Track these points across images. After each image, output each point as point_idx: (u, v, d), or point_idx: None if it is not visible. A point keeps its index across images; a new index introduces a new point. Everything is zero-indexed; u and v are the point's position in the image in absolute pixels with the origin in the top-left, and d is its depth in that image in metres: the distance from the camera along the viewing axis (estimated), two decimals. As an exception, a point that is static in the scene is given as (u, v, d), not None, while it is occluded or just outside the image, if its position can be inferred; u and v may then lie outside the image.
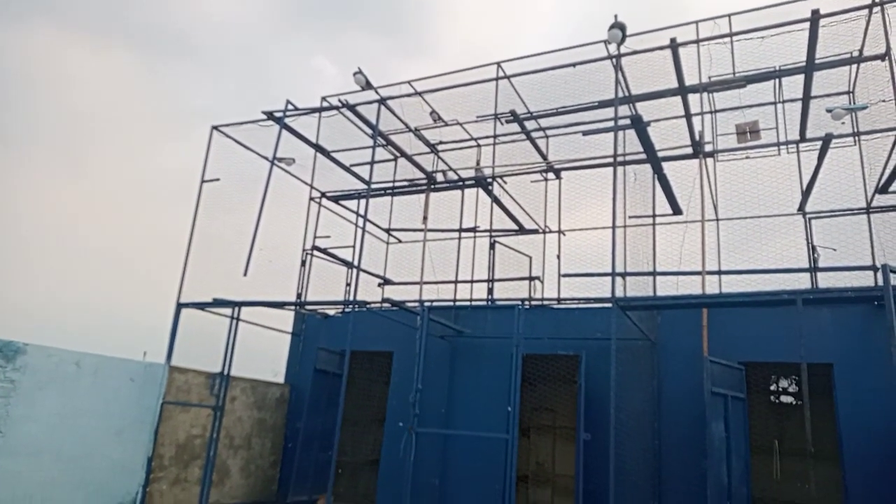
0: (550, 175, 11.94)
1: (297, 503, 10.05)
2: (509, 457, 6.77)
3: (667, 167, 9.10)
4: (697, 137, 9.68)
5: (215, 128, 10.74)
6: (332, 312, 12.14)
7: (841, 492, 7.51)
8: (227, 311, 9.43)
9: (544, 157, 11.41)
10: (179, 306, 9.78)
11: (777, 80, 9.60)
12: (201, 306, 9.68)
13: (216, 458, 9.05)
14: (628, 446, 6.83)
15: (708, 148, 10.03)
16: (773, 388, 10.20)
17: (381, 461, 10.29)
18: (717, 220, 10.22)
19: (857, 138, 9.40)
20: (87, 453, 8.01)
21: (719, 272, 9.57)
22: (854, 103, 9.33)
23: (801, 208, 9.72)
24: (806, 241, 9.39)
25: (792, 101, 9.78)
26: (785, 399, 10.11)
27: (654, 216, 9.43)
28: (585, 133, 9.18)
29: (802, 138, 9.65)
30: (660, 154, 8.84)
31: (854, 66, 9.18)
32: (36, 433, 7.43)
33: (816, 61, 8.20)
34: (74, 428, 7.88)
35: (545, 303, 10.60)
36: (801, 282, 9.02)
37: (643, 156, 8.48)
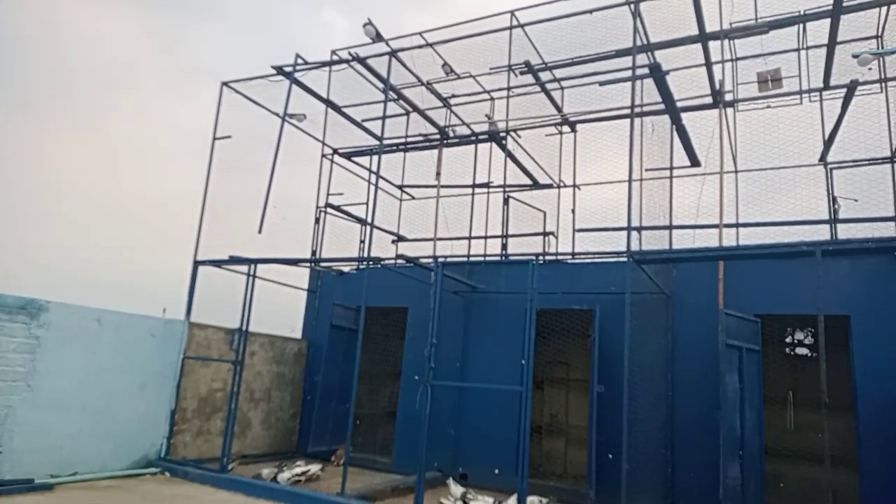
0: (565, 128, 11.73)
1: (317, 453, 10.34)
2: (523, 408, 6.86)
3: (685, 118, 8.88)
4: (717, 86, 9.41)
5: (225, 84, 10.63)
6: (347, 269, 12.23)
7: (854, 441, 7.57)
8: (244, 268, 9.51)
9: (559, 110, 11.20)
10: (196, 264, 9.90)
11: (801, 26, 9.25)
12: (218, 263, 9.78)
13: (237, 410, 9.28)
14: (641, 398, 6.89)
15: (728, 97, 9.77)
16: (788, 340, 10.18)
17: (398, 413, 10.51)
18: (736, 171, 10.02)
19: (883, 85, 9.09)
20: (112, 406, 8.26)
21: (737, 225, 9.44)
22: (882, 48, 8.98)
23: (823, 159, 9.48)
24: (827, 192, 9.19)
25: (816, 47, 9.43)
26: (800, 351, 10.09)
27: (671, 168, 9.27)
28: (602, 83, 8.96)
29: (826, 86, 9.34)
30: (678, 104, 8.62)
31: (884, 9, 8.80)
32: (62, 387, 7.65)
33: (844, 4, 7.86)
34: (99, 382, 8.10)
35: (559, 257, 10.57)
36: (821, 233, 8.88)
37: (661, 106, 8.27)
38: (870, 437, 7.35)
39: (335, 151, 12.78)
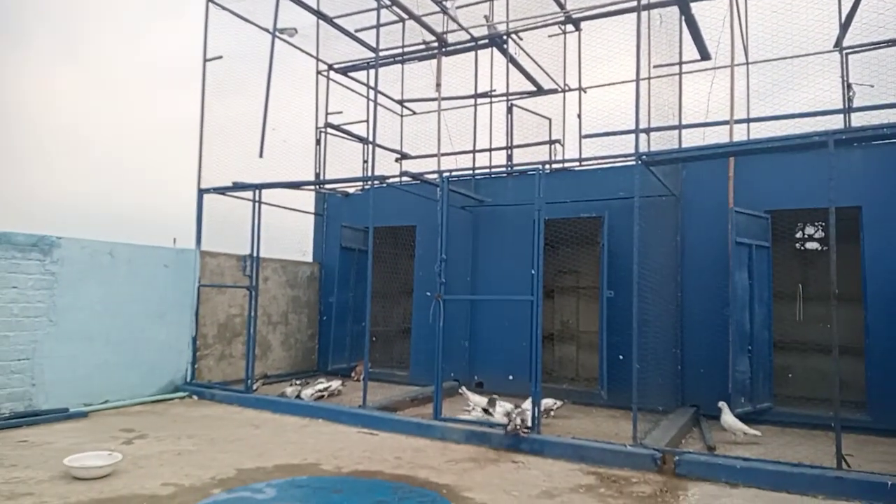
0: (569, 27, 11.18)
1: (337, 370, 10.70)
2: (535, 317, 6.95)
3: (695, 7, 8.40)
4: (728, -29, 8.84)
5: (211, 0, 10.15)
6: (352, 190, 12.15)
7: (862, 331, 7.67)
8: (248, 194, 9.45)
9: (562, 7, 10.63)
10: (201, 192, 9.84)
11: None
12: (222, 191, 9.72)
13: (256, 334, 9.52)
14: (651, 300, 6.95)
15: (740, -17, 9.20)
16: (798, 235, 10.12)
17: (413, 328, 10.76)
18: (748, 63, 9.60)
19: (907, -42, 8.48)
20: (134, 336, 8.49)
21: (747, 120, 9.16)
22: (907, -84, 8.31)
23: (839, 44, 9.03)
24: (841, 79, 8.81)
25: (836, -81, 8.76)
26: (810, 245, 10.06)
27: (680, 64, 8.89)
28: (605, -24, 8.44)
29: (845, -38, 8.75)
30: (687, -7, 8.14)
31: None
32: (84, 320, 7.85)
33: None
34: (118, 314, 8.28)
35: (566, 165, 10.39)
36: (834, 123, 8.59)
37: (669, -3, 7.83)
38: (878, 327, 7.44)
39: (331, 67, 12.38)
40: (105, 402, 7.99)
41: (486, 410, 6.97)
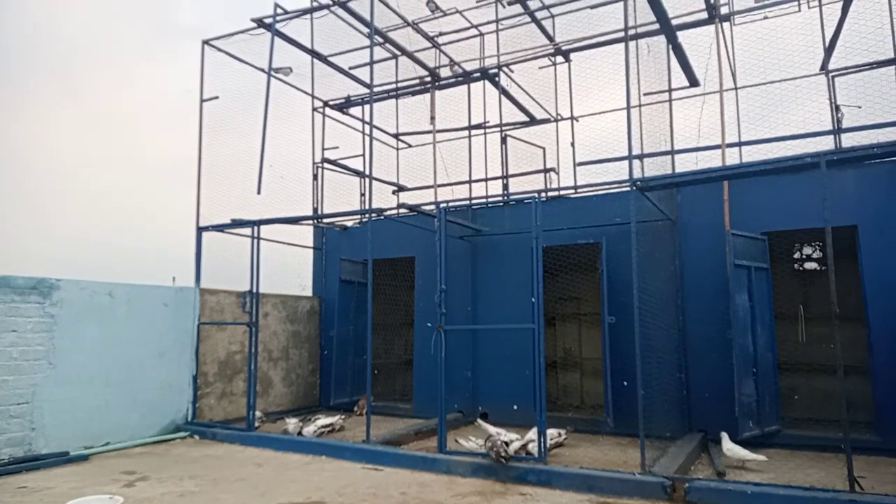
0: (559, 58, 11.41)
1: (339, 405, 10.59)
2: (537, 345, 6.93)
3: (681, 36, 8.59)
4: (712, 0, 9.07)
5: (206, 42, 10.35)
6: (350, 224, 12.20)
7: (866, 349, 7.65)
8: (247, 230, 9.49)
9: (551, 39, 10.85)
10: (199, 230, 9.88)
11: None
12: (220, 228, 9.76)
13: (257, 370, 9.45)
14: (653, 325, 6.94)
15: (724, 10, 9.43)
16: (796, 255, 10.16)
17: (415, 360, 10.69)
18: (736, 88, 9.78)
19: (886, -17, 8.71)
20: (134, 377, 8.42)
21: (739, 144, 9.29)
22: (884, -57, 8.57)
23: (824, 67, 9.22)
24: (829, 101, 8.97)
25: (814, -52, 9.03)
26: (809, 266, 10.08)
27: (669, 91, 9.04)
28: (594, 6, 8.65)
29: (826, -11, 8.99)
30: (673, 22, 8.32)
31: None
32: (83, 362, 7.79)
33: None
34: (118, 354, 8.23)
35: (562, 193, 10.47)
36: (825, 145, 8.71)
37: (656, 26, 7.99)
38: (881, 345, 7.42)
39: (326, 104, 12.55)
40: (106, 445, 7.89)
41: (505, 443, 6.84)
